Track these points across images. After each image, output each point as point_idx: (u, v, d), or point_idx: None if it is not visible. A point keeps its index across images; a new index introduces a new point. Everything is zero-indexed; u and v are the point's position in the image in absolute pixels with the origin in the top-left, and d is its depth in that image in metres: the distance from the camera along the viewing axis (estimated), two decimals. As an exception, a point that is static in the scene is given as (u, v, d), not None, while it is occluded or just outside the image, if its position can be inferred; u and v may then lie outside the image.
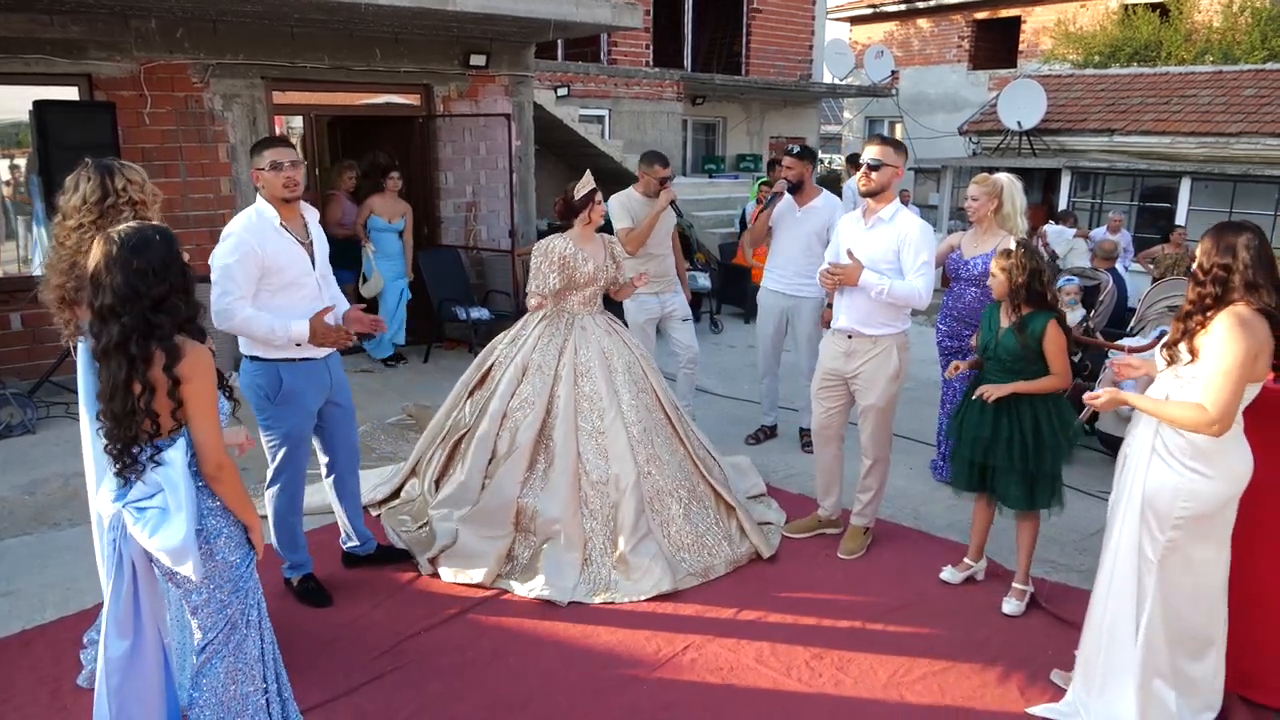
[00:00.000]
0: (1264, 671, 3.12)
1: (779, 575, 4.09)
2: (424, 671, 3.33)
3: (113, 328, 2.21)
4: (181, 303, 2.29)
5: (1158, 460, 2.85)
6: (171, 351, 2.24)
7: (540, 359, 4.24)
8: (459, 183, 8.51)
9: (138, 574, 2.42)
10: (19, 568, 4.06)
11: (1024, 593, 3.81)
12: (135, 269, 2.22)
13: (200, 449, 2.31)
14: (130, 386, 2.22)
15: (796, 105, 16.04)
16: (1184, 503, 2.78)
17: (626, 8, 8.04)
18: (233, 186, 7.07)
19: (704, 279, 9.47)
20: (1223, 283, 2.72)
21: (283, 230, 3.43)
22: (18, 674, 3.27)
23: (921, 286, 3.93)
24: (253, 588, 2.51)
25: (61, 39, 6.19)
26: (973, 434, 3.72)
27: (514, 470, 4.11)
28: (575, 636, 3.58)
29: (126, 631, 2.44)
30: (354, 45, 7.41)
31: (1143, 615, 2.90)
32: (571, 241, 4.28)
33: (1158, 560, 2.85)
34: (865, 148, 4.09)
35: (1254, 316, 2.68)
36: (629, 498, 4.03)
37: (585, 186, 4.26)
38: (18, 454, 5.37)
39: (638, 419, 4.19)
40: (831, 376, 4.23)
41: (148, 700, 2.50)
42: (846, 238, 4.15)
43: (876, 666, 3.40)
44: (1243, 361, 2.63)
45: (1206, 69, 13.70)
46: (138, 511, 2.30)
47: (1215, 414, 2.65)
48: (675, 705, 3.16)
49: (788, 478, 5.20)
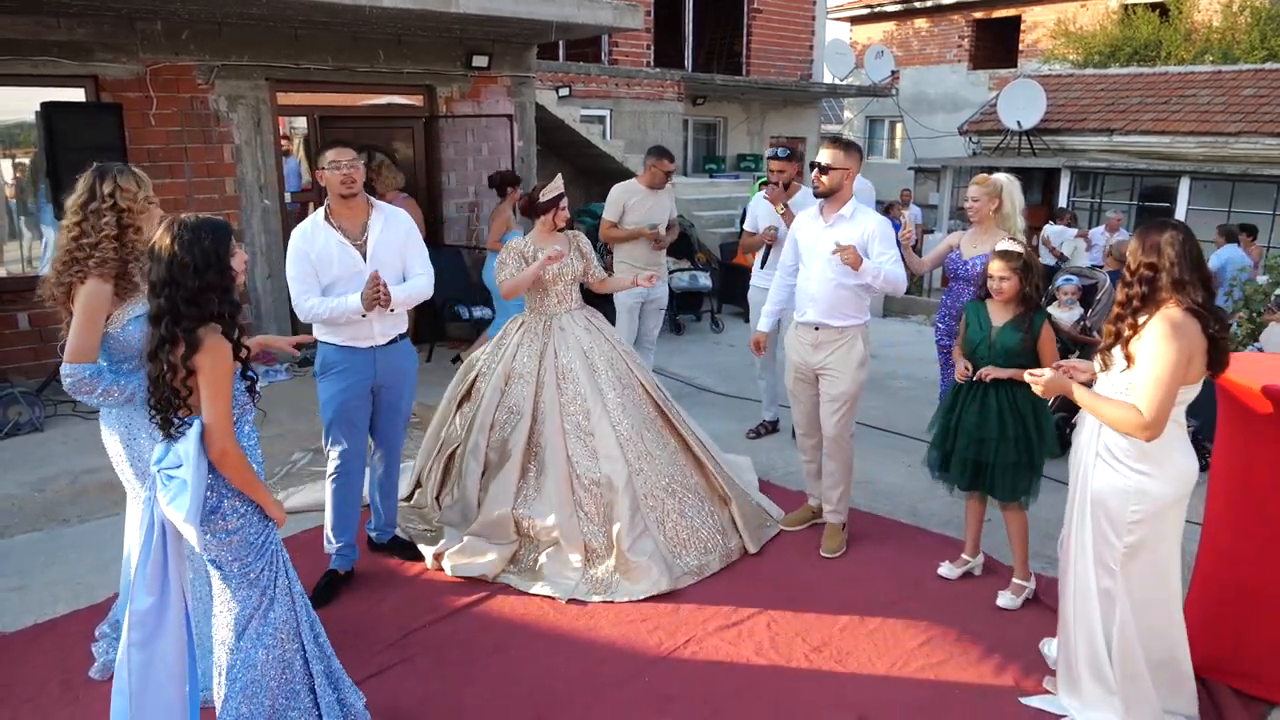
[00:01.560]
0: (1259, 663, 3.17)
1: (778, 570, 4.15)
2: (430, 664, 3.39)
3: (155, 301, 2.42)
4: (215, 299, 2.44)
5: (1102, 464, 2.88)
6: (190, 342, 2.39)
7: (521, 366, 4.25)
8: (461, 183, 8.56)
9: (167, 535, 2.54)
10: (29, 563, 4.12)
11: (1022, 588, 3.85)
12: (178, 260, 2.39)
13: (206, 432, 2.44)
14: (159, 359, 2.41)
15: (797, 105, 16.09)
16: (1134, 505, 2.81)
17: (628, 9, 8.10)
18: (237, 187, 7.13)
19: (705, 278, 9.51)
20: (1149, 282, 2.73)
21: (331, 230, 3.71)
22: (30, 667, 3.33)
23: (902, 271, 4.16)
24: (279, 556, 2.63)
25: (68, 41, 6.26)
26: (973, 434, 3.77)
27: (506, 482, 4.14)
28: (578, 631, 3.64)
29: (154, 588, 2.55)
30: (357, 46, 7.47)
31: (1113, 621, 2.93)
32: (531, 240, 4.34)
33: (1119, 566, 2.88)
34: (820, 151, 4.20)
35: (1185, 319, 2.68)
36: (623, 497, 4.05)
37: (553, 191, 4.31)
38: (25, 452, 5.43)
39: (625, 416, 4.20)
40: (801, 370, 4.32)
41: (169, 657, 2.60)
42: (806, 235, 4.27)
43: (875, 659, 3.45)
44: (1175, 367, 2.65)
45: (1206, 69, 13.75)
46: (166, 478, 2.45)
47: (1148, 418, 2.66)
48: (676, 698, 3.22)
49: (787, 475, 5.26)
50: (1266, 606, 3.12)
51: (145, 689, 2.56)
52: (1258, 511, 3.11)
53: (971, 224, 4.95)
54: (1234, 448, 3.16)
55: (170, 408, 2.44)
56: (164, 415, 2.46)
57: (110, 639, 3.31)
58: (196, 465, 2.39)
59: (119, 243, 2.97)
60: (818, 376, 4.27)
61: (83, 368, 2.88)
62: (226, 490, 2.50)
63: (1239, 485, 3.14)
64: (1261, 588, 3.12)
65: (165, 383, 2.42)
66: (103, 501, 4.77)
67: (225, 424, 2.44)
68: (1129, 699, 2.95)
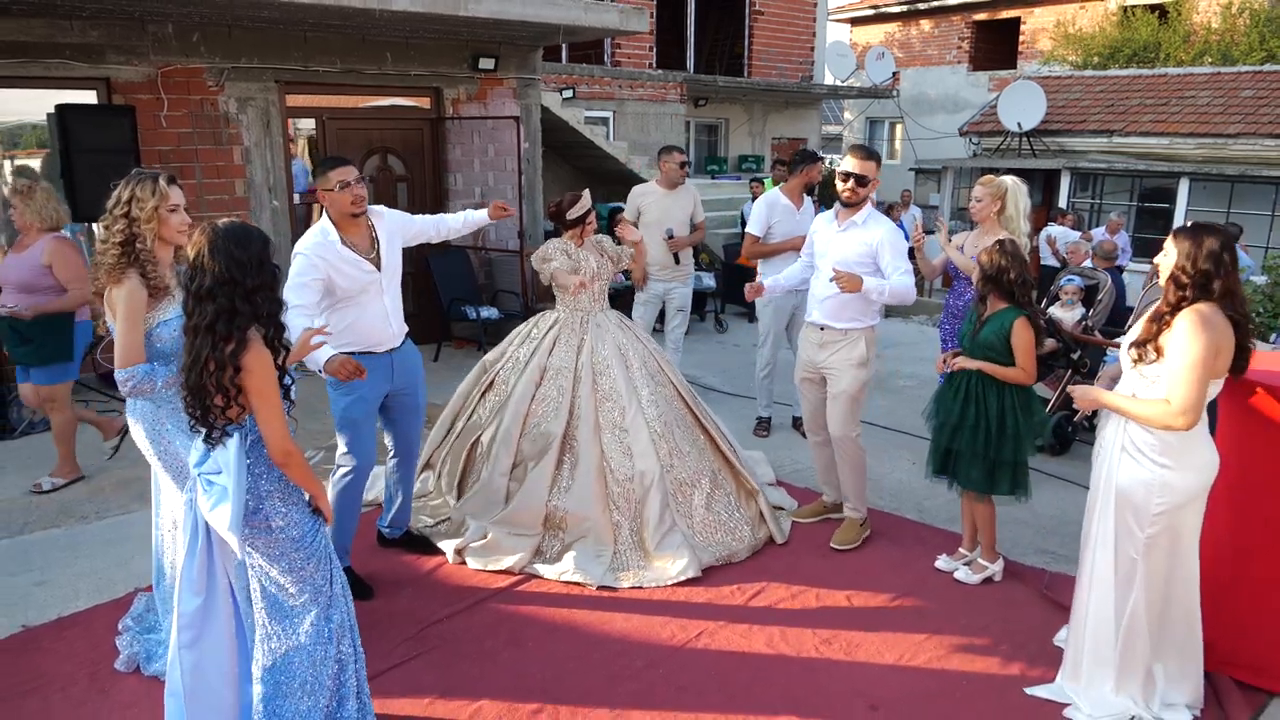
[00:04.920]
0: (1260, 655, 3.24)
1: (788, 564, 4.22)
2: (447, 656, 3.46)
3: (207, 307, 2.41)
4: (267, 299, 2.49)
5: (1127, 458, 2.96)
6: (241, 341, 2.42)
7: (558, 361, 4.35)
8: (468, 184, 8.63)
9: (212, 536, 2.57)
10: (50, 559, 4.18)
11: (984, 567, 4.00)
12: (236, 259, 2.42)
13: (266, 440, 2.48)
14: (207, 363, 2.40)
15: (798, 106, 16.16)
16: (1159, 498, 2.90)
17: (633, 12, 8.17)
18: (247, 188, 7.19)
19: (708, 279, 9.59)
20: (1204, 287, 2.80)
21: (345, 249, 3.64)
22: (57, 659, 3.39)
23: (910, 283, 4.18)
24: (328, 558, 2.67)
25: (81, 44, 6.32)
26: (941, 419, 3.90)
27: (543, 474, 4.21)
28: (592, 623, 3.71)
29: (200, 589, 2.59)
30: (365, 49, 7.54)
31: (1126, 606, 3.02)
32: (569, 243, 4.45)
33: (1142, 556, 2.97)
34: (846, 158, 4.22)
35: (1214, 312, 2.78)
36: (654, 493, 4.15)
37: (582, 208, 4.41)
38: (41, 450, 5.49)
39: (658, 413, 4.31)
40: (809, 368, 4.42)
41: (220, 656, 2.64)
42: (821, 239, 4.35)
43: (884, 651, 3.52)
44: (1206, 356, 2.74)
45: (1205, 70, 13.81)
46: (207, 483, 2.49)
47: (1180, 406, 2.75)
48: (690, 687, 3.29)
49: (794, 472, 5.33)
50: (1267, 598, 3.19)
51: (197, 689, 2.60)
52: (1258, 504, 3.18)
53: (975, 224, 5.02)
54: (1234, 442, 3.23)
55: (212, 413, 2.45)
56: (205, 423, 2.47)
57: (134, 632, 3.38)
58: (237, 475, 2.43)
59: (124, 249, 3.02)
60: (824, 376, 4.35)
61: (137, 369, 2.96)
62: (266, 492, 2.53)
63: (1239, 479, 3.21)
64: (1262, 580, 3.19)
65: (208, 390, 2.42)
66: (120, 499, 4.84)
67: (282, 427, 2.48)
68: (1121, 673, 3.06)
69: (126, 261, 3.02)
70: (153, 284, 3.05)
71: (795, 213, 5.72)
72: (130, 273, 3.01)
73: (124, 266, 3.01)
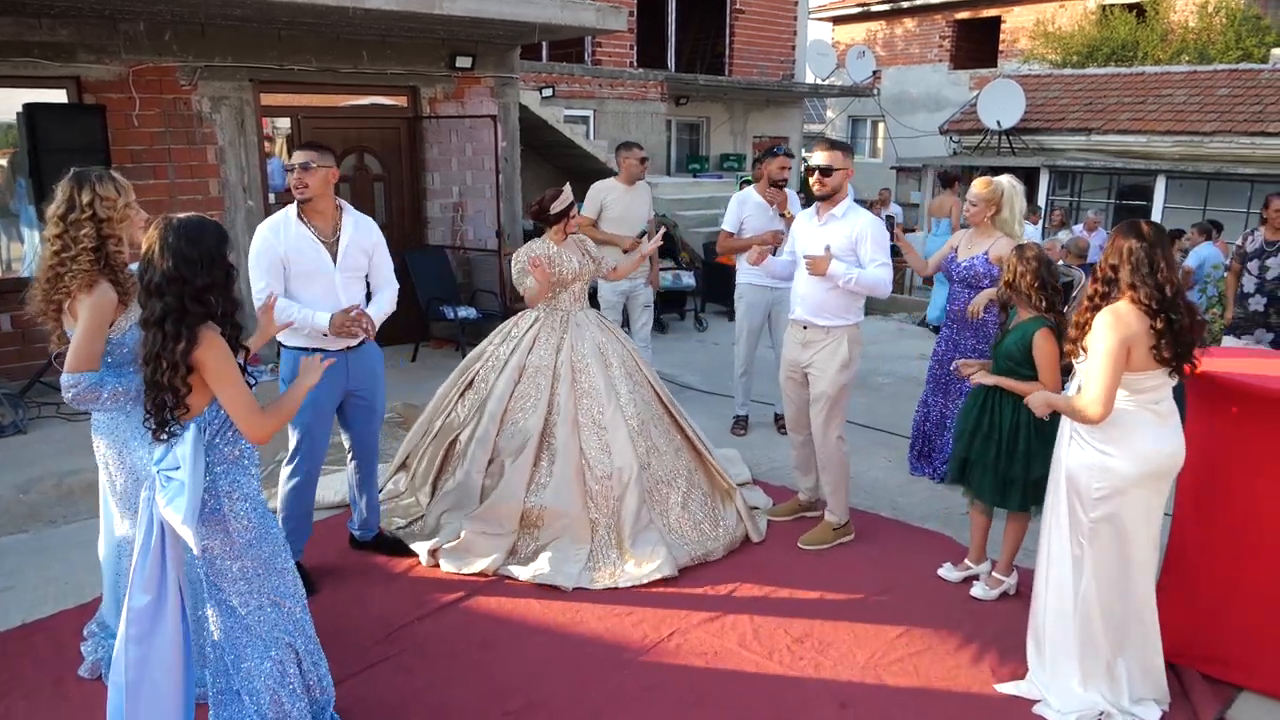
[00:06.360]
0: (1226, 648, 3.26)
1: (762, 563, 4.22)
2: (416, 659, 3.43)
3: (156, 304, 2.41)
4: (220, 297, 2.47)
5: (1075, 442, 3.07)
6: (190, 339, 2.41)
7: (538, 359, 4.34)
8: (445, 183, 8.59)
9: (165, 534, 2.56)
10: (17, 563, 4.13)
11: (1000, 581, 3.91)
12: (185, 257, 2.41)
13: (237, 422, 2.50)
14: (159, 360, 2.40)
15: (779, 105, 16.18)
16: (1097, 482, 2.99)
17: (611, 10, 8.15)
18: (221, 188, 7.13)
19: (688, 278, 9.58)
20: (1112, 282, 2.94)
21: (303, 227, 3.69)
22: (20, 666, 3.35)
23: (884, 275, 4.14)
24: (283, 555, 2.67)
25: (50, 42, 6.25)
26: (959, 426, 3.88)
27: (520, 472, 4.20)
28: (564, 624, 3.69)
29: (151, 587, 2.58)
30: (341, 48, 7.49)
31: (1078, 592, 3.09)
32: (550, 243, 4.43)
33: (1088, 541, 3.05)
34: (815, 153, 4.23)
35: (1128, 309, 2.89)
36: (631, 491, 4.16)
37: (564, 201, 4.41)
38: (10, 454, 5.42)
39: (636, 412, 4.32)
40: (792, 367, 4.41)
41: (165, 652, 2.62)
42: (802, 233, 4.35)
43: (855, 650, 3.52)
44: (1111, 353, 2.84)
45: (1182, 69, 13.92)
46: (165, 479, 2.48)
47: (1089, 398, 2.88)
48: (660, 686, 3.28)
49: (770, 470, 5.33)
50: (1234, 592, 3.22)
51: (141, 683, 2.59)
52: (1224, 500, 3.20)
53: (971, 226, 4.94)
54: (1202, 438, 3.25)
55: (166, 409, 2.45)
56: (159, 418, 2.46)
57: (99, 638, 3.33)
58: (194, 467, 2.42)
59: (96, 254, 2.89)
60: (806, 376, 4.34)
61: (85, 376, 2.81)
62: (223, 491, 2.52)
63: (1206, 475, 3.23)
64: (1229, 575, 3.22)
65: (163, 385, 2.41)
66: (89, 503, 4.77)
67: (249, 405, 2.48)
68: (1084, 663, 3.11)
69: (99, 268, 2.90)
70: (124, 289, 2.94)
71: (767, 209, 5.73)
72: (101, 279, 2.89)
73: (96, 273, 2.89)
